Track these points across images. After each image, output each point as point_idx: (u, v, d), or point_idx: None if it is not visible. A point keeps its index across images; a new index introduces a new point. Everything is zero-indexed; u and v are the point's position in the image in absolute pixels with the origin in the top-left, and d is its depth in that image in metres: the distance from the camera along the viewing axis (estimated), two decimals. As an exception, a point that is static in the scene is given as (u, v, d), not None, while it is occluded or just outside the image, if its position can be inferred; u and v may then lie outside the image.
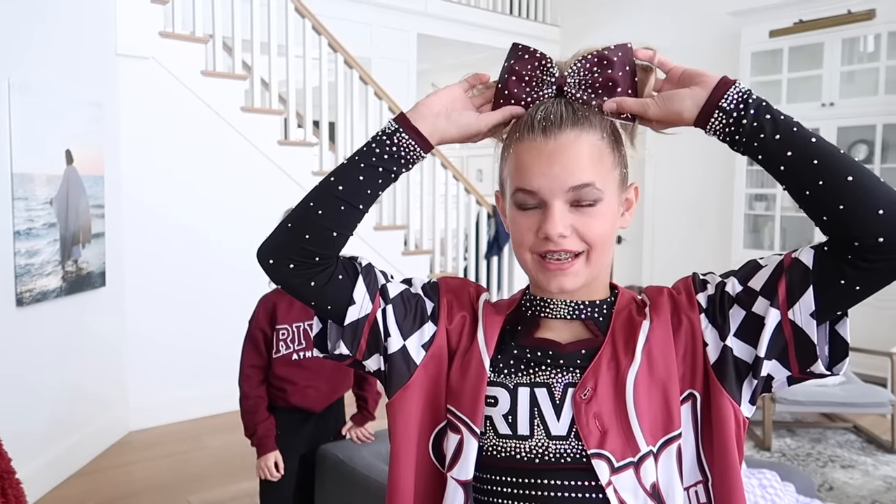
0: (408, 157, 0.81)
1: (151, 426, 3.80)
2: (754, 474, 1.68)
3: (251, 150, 4.11)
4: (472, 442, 0.78)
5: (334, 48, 4.46)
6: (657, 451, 0.75)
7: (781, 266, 0.75)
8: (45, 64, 3.04)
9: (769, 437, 3.53)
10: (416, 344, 0.83)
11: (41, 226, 2.99)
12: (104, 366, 3.55)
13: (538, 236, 0.77)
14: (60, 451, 3.16)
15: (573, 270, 0.77)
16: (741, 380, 0.77)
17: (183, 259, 3.87)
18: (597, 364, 0.78)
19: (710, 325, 0.78)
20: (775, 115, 0.73)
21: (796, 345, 0.74)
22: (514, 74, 0.80)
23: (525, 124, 0.78)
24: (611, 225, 0.79)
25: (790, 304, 0.73)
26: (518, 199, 0.78)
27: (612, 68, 0.77)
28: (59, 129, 3.11)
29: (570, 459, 0.75)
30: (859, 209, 0.68)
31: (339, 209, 0.79)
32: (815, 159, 0.70)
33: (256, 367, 2.06)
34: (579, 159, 0.75)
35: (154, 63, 3.74)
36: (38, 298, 2.97)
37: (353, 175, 0.80)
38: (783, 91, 5.07)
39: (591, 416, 0.75)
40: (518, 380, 0.80)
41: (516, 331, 0.84)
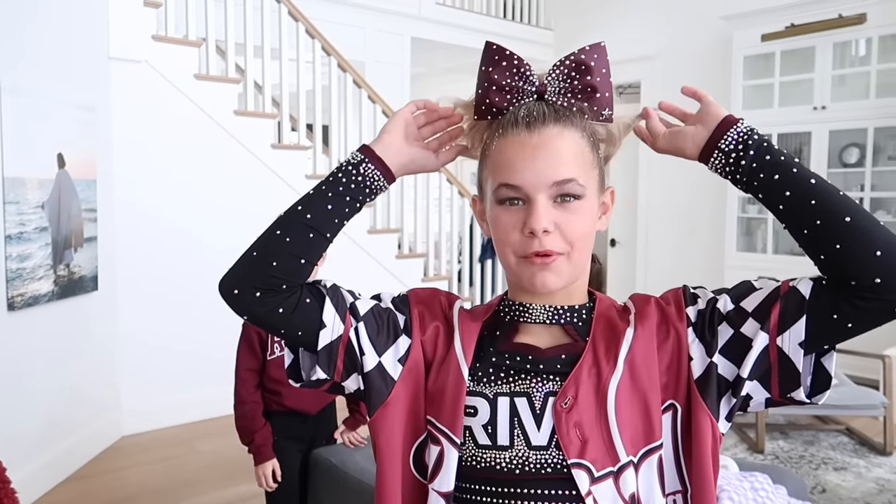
0: (373, 186, 0.82)
1: (145, 430, 3.79)
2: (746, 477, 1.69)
3: (245, 153, 4.10)
4: (452, 452, 0.77)
5: (328, 52, 4.47)
6: (637, 461, 0.75)
7: (777, 292, 0.75)
8: (37, 67, 3.03)
9: (762, 440, 3.54)
10: (391, 359, 0.82)
11: (33, 230, 2.98)
12: (97, 370, 3.54)
13: (523, 233, 0.76)
14: (54, 456, 3.14)
15: (556, 265, 0.77)
16: (720, 396, 0.77)
17: (176, 263, 3.86)
18: (578, 372, 0.77)
19: (697, 340, 0.78)
20: (775, 156, 0.75)
21: (780, 370, 0.75)
22: (494, 84, 0.80)
23: (508, 121, 0.78)
24: (591, 224, 0.79)
25: (780, 331, 0.74)
26: (501, 195, 0.78)
27: (590, 74, 0.78)
28: (50, 132, 3.10)
29: (551, 470, 0.75)
30: (857, 250, 0.69)
31: (307, 237, 0.79)
32: (813, 199, 0.72)
33: (252, 371, 2.04)
34: (563, 154, 0.76)
35: (147, 66, 3.73)
36: (30, 303, 2.96)
37: (321, 203, 0.80)
38: (775, 95, 5.09)
39: (572, 426, 0.75)
40: (498, 389, 0.79)
41: (495, 336, 0.83)
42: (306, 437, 2.13)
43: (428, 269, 5.03)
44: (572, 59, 0.79)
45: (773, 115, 5.01)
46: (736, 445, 3.64)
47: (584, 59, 0.78)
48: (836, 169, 4.91)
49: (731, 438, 3.74)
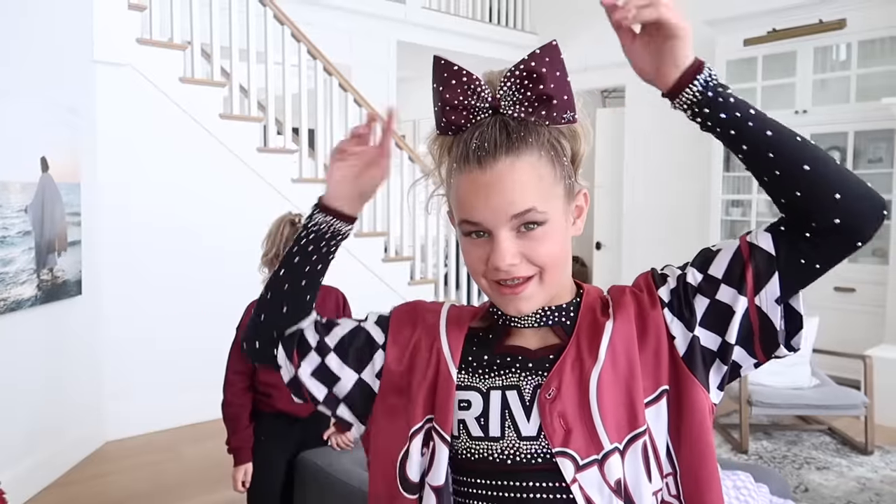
0: (333, 231, 0.88)
1: (129, 436, 3.76)
2: (728, 476, 1.70)
3: (230, 157, 4.09)
4: (443, 449, 0.79)
5: (313, 55, 4.46)
6: (623, 448, 0.77)
7: (741, 254, 0.77)
8: (20, 70, 3.01)
9: (746, 440, 3.57)
10: (370, 374, 0.87)
11: (16, 234, 2.96)
12: (80, 375, 3.51)
13: (489, 266, 0.77)
14: (37, 461, 3.11)
15: (527, 294, 0.78)
16: (708, 368, 0.79)
17: (161, 267, 3.84)
18: (561, 364, 0.79)
19: (675, 319, 0.80)
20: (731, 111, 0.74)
21: (761, 333, 0.77)
22: (448, 104, 0.78)
23: (461, 154, 0.77)
24: (560, 243, 0.78)
25: (756, 291, 0.76)
26: (465, 230, 0.78)
27: (542, 81, 0.75)
28: (34, 135, 3.08)
29: (541, 460, 0.77)
30: (817, 195, 0.72)
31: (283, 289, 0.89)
32: (770, 152, 0.73)
33: (241, 374, 2.05)
34: (517, 187, 0.74)
35: (131, 70, 3.72)
36: (13, 307, 2.94)
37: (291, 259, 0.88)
38: (758, 98, 5.15)
39: (556, 416, 0.77)
40: (490, 383, 0.82)
41: (487, 339, 0.86)
42: (294, 440, 2.12)
43: (415, 272, 5.04)
44: (522, 67, 0.75)
45: (756, 119, 5.06)
46: (720, 446, 3.67)
47: (534, 66, 0.75)
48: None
49: (716, 439, 3.77)
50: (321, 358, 0.88)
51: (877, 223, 0.72)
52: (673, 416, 0.79)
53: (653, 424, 0.78)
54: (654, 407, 0.78)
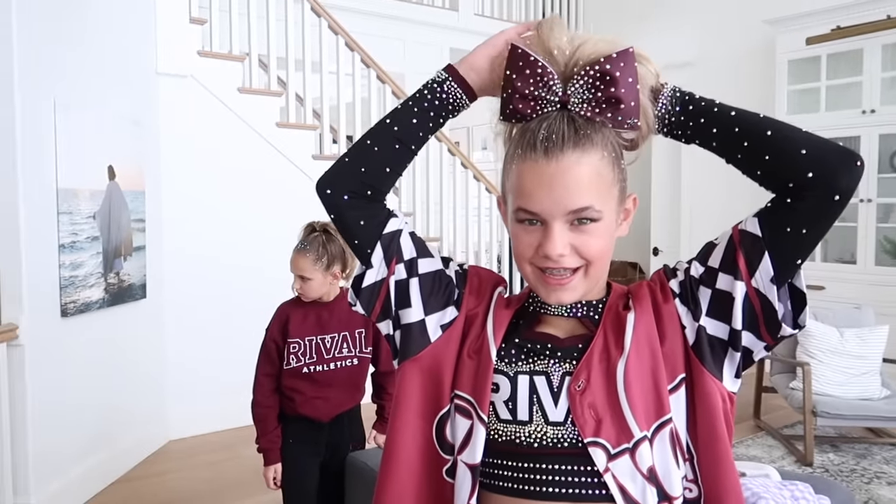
0: (455, 104, 0.87)
1: (190, 435, 3.88)
2: (787, 486, 1.65)
3: (286, 164, 4.19)
4: (479, 428, 0.82)
5: (367, 64, 4.53)
6: (651, 435, 0.79)
7: (732, 241, 0.81)
8: (88, 83, 3.16)
9: (811, 452, 3.44)
10: (435, 322, 0.88)
11: (84, 239, 3.10)
12: (145, 376, 3.64)
13: (538, 253, 0.79)
14: (102, 459, 3.24)
15: (571, 285, 0.81)
16: (719, 357, 0.81)
17: (220, 272, 3.95)
18: (589, 357, 0.81)
19: (684, 309, 0.83)
20: (696, 104, 0.81)
21: (764, 315, 0.79)
22: (517, 93, 0.80)
23: (528, 142, 0.79)
24: (608, 240, 0.82)
25: (751, 274, 0.79)
26: (520, 217, 0.80)
27: (615, 86, 0.77)
28: (101, 145, 3.22)
29: (568, 444, 0.79)
30: (784, 154, 0.76)
31: (393, 147, 0.87)
32: (736, 127, 0.79)
33: (269, 376, 2.10)
34: (580, 183, 0.77)
35: (192, 81, 3.85)
36: (82, 309, 3.07)
37: (407, 118, 0.87)
38: (822, 99, 4.97)
39: (586, 407, 0.79)
40: (518, 368, 0.84)
41: (518, 325, 0.88)
42: (323, 443, 2.12)
43: (467, 277, 5.04)
44: (597, 68, 0.77)
45: (820, 120, 4.89)
46: (783, 458, 3.55)
47: (609, 69, 0.77)
48: (886, 174, 4.76)
49: (779, 451, 3.65)
50: (408, 276, 0.88)
51: (849, 173, 0.74)
52: (690, 404, 0.82)
53: (674, 412, 0.80)
54: (675, 395, 0.81)
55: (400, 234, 0.88)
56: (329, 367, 2.07)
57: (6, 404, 2.69)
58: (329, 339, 2.08)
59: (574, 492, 0.78)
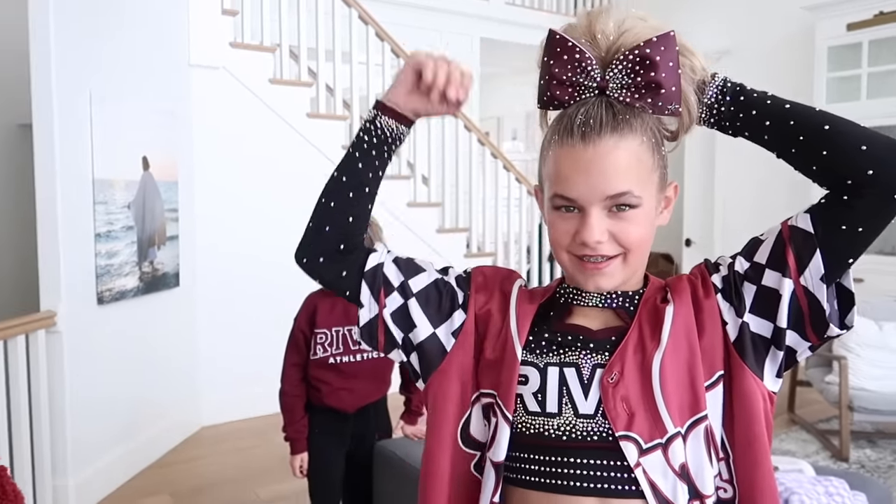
0: (393, 135, 0.87)
1: (222, 422, 3.94)
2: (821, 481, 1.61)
3: (317, 155, 4.21)
4: (504, 426, 0.80)
5: (397, 54, 4.53)
6: (685, 432, 0.77)
7: (782, 237, 0.78)
8: (123, 75, 3.21)
9: (847, 448, 3.37)
10: (446, 332, 0.87)
11: (120, 228, 3.16)
12: (178, 362, 3.71)
13: (575, 240, 0.78)
14: (137, 444, 3.31)
15: (609, 270, 0.79)
16: (761, 355, 0.79)
17: (252, 262, 4.00)
18: (623, 349, 0.79)
19: (727, 305, 0.80)
20: (748, 95, 0.79)
21: (811, 314, 0.76)
22: (555, 79, 0.78)
23: (565, 128, 0.77)
24: (648, 228, 0.80)
25: (801, 272, 0.76)
26: (556, 203, 0.79)
27: (655, 70, 0.75)
28: (136, 137, 3.28)
29: (597, 438, 0.77)
30: (843, 150, 0.73)
31: (347, 197, 0.88)
32: (791, 120, 0.76)
33: (296, 366, 2.11)
34: (618, 168, 0.75)
35: (224, 72, 3.89)
36: (117, 297, 3.14)
37: (353, 165, 0.87)
38: (863, 86, 4.83)
39: (619, 400, 0.77)
40: (548, 360, 0.82)
41: (548, 316, 0.86)
42: (348, 434, 2.13)
43: (496, 268, 5.02)
44: (637, 52, 0.75)
45: (861, 108, 4.76)
46: (818, 452, 3.48)
47: (648, 52, 0.74)
48: (930, 163, 4.62)
49: (813, 445, 3.58)
50: (404, 300, 0.88)
51: None
52: (727, 401, 0.79)
53: (710, 409, 0.78)
54: (712, 392, 0.79)
55: (382, 267, 0.88)
56: (355, 358, 2.07)
57: (45, 389, 2.76)
58: (357, 330, 2.08)
59: (603, 486, 0.76)
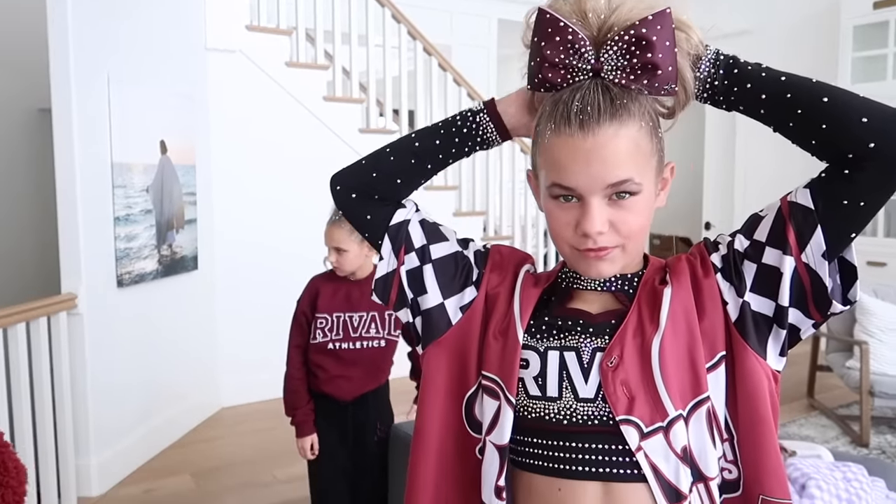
0: (484, 138, 0.86)
1: (241, 403, 3.99)
2: (839, 467, 1.60)
3: (333, 138, 4.21)
4: (507, 410, 0.80)
5: (413, 36, 4.50)
6: (687, 414, 0.76)
7: (781, 213, 0.77)
8: (140, 59, 3.22)
9: (867, 433, 3.34)
10: (454, 305, 0.87)
11: (139, 212, 3.18)
12: (197, 344, 3.75)
13: (577, 232, 0.76)
14: (157, 425, 3.36)
15: (610, 257, 0.78)
16: (763, 334, 0.78)
17: (269, 244, 4.02)
18: (622, 332, 0.79)
19: (727, 284, 0.80)
20: (742, 68, 0.77)
21: (813, 291, 0.75)
22: (546, 61, 0.75)
23: (561, 115, 0.75)
24: (647, 214, 0.79)
25: (802, 249, 0.75)
26: (554, 192, 0.77)
27: (651, 50, 0.72)
28: (154, 120, 3.29)
29: (598, 422, 0.77)
30: (843, 122, 0.71)
31: (409, 161, 0.87)
32: (787, 93, 0.74)
33: (299, 347, 2.09)
34: (618, 156, 0.73)
35: (241, 56, 3.89)
36: (137, 280, 3.17)
37: (431, 137, 0.87)
38: (889, 66, 4.73)
39: (619, 384, 0.76)
40: (548, 343, 0.81)
41: (549, 301, 0.86)
42: (349, 424, 2.09)
43: (513, 252, 5.01)
44: (632, 33, 0.72)
45: (887, 88, 4.65)
46: (838, 438, 3.45)
47: (644, 32, 0.72)
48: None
49: (833, 431, 3.55)
50: (420, 263, 0.87)
51: None
52: (730, 382, 0.78)
53: (712, 390, 0.77)
54: (714, 373, 0.78)
55: (408, 224, 0.88)
56: (355, 345, 2.05)
57: (67, 370, 2.81)
58: (357, 317, 2.06)
59: (605, 471, 0.76)
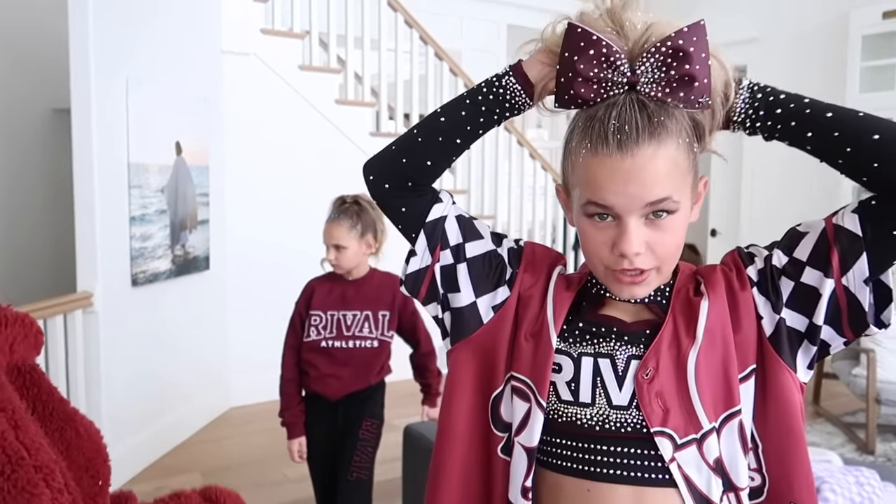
0: (512, 101, 0.81)
1: (250, 403, 4.01)
2: (851, 471, 1.62)
3: (345, 141, 4.24)
4: (538, 413, 0.80)
5: (425, 41, 4.54)
6: (719, 426, 0.77)
7: (826, 236, 0.77)
8: (157, 62, 3.26)
9: (873, 441, 3.35)
10: (486, 304, 0.85)
11: (153, 212, 3.22)
12: (208, 344, 3.78)
13: (613, 252, 0.75)
14: (167, 423, 3.39)
15: (646, 281, 0.77)
16: (794, 348, 0.78)
17: (281, 246, 4.04)
18: (658, 343, 0.79)
19: (763, 299, 0.79)
20: (784, 106, 0.76)
21: (849, 312, 0.76)
22: (579, 75, 0.73)
23: (598, 135, 0.73)
24: (683, 231, 0.78)
25: (844, 272, 0.75)
26: (590, 211, 0.76)
27: (689, 62, 0.71)
28: (169, 122, 3.33)
29: (631, 430, 0.77)
30: (895, 160, 0.71)
31: (437, 140, 0.83)
32: (835, 131, 0.73)
33: (293, 348, 2.11)
34: (658, 175, 0.72)
35: (255, 59, 3.92)
36: (151, 279, 3.20)
37: (456, 110, 0.83)
38: (898, 76, 4.75)
39: (654, 396, 0.77)
40: (582, 349, 0.81)
41: (581, 305, 0.85)
42: (338, 421, 2.09)
43: (521, 256, 5.03)
44: (669, 44, 0.71)
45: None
46: (843, 445, 3.46)
47: (682, 44, 0.71)
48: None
49: (839, 438, 3.56)
50: (454, 261, 0.86)
51: None
52: (759, 396, 0.79)
53: (742, 402, 0.78)
54: (744, 385, 0.78)
55: (444, 221, 0.86)
56: (347, 344, 2.06)
57: (82, 368, 2.84)
58: (351, 315, 2.07)
59: (636, 475, 0.76)
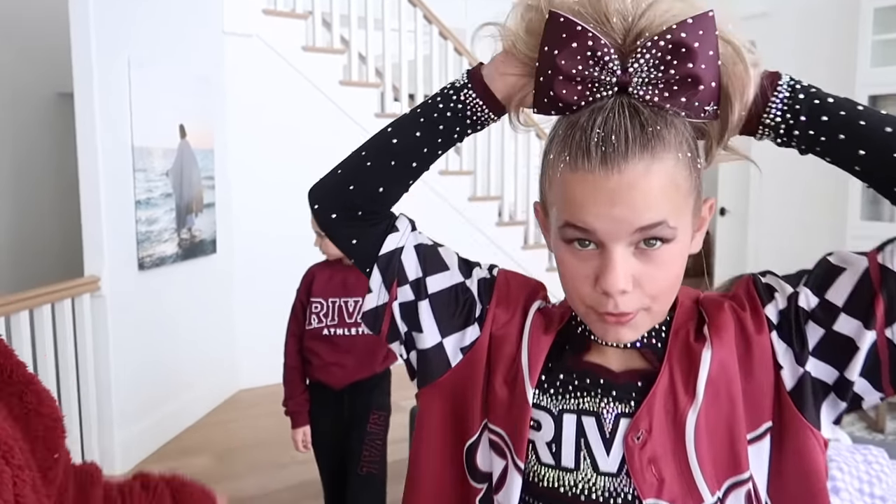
0: (474, 118, 0.69)
1: (258, 385, 4.03)
2: (859, 450, 1.61)
3: (349, 122, 4.22)
4: (515, 475, 0.69)
5: (430, 20, 4.49)
6: (723, 495, 0.65)
7: (869, 279, 0.63)
8: (159, 44, 3.24)
9: (883, 419, 3.33)
10: (454, 345, 0.74)
11: (159, 196, 3.22)
12: (216, 327, 3.79)
13: (595, 290, 0.62)
14: (177, 405, 3.41)
15: (633, 323, 0.63)
16: (819, 401, 0.66)
17: (286, 228, 4.03)
18: (651, 400, 0.66)
19: (783, 345, 0.66)
20: (833, 113, 0.61)
21: (891, 366, 0.63)
22: (563, 74, 0.59)
23: (578, 146, 0.59)
24: (680, 264, 0.63)
25: (889, 324, 0.62)
26: (568, 235, 0.62)
27: (692, 59, 0.57)
28: (172, 104, 3.32)
29: (621, 500, 0.66)
30: None
31: (388, 164, 0.72)
32: (895, 151, 0.59)
33: (295, 336, 2.09)
34: (650, 194, 0.58)
35: (258, 40, 3.90)
36: (157, 263, 3.21)
37: (410, 130, 0.71)
38: (910, 50, 4.67)
39: (646, 462, 0.65)
40: (564, 405, 0.69)
41: (563, 350, 0.72)
42: (344, 412, 2.07)
43: (528, 237, 5.02)
44: (669, 38, 0.57)
45: (907, 73, 4.61)
46: (853, 423, 3.45)
47: (684, 38, 0.57)
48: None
49: (848, 416, 3.54)
50: (415, 298, 0.75)
51: None
52: (774, 459, 0.66)
53: (754, 466, 0.66)
54: (757, 445, 0.66)
55: (400, 253, 0.74)
56: (350, 331, 2.04)
57: (91, 351, 2.85)
58: (353, 302, 2.05)
59: None
